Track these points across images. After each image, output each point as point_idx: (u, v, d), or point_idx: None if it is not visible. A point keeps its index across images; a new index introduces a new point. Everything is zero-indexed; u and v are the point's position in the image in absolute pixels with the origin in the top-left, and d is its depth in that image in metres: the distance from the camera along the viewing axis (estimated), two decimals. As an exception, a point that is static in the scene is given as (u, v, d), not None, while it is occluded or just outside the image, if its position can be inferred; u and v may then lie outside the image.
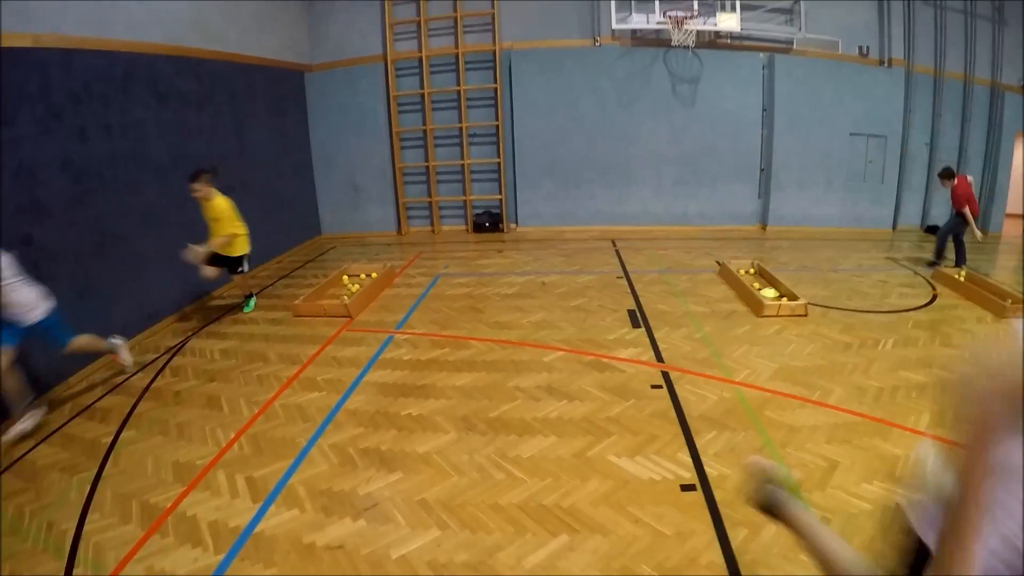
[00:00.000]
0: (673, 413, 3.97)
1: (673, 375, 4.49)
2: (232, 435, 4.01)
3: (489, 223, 9.83)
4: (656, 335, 5.19)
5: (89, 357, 5.10)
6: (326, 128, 9.56)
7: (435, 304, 6.30)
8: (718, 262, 7.22)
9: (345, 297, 6.26)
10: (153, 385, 4.92)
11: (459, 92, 9.28)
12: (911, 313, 5.73)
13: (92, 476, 3.58)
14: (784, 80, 8.77)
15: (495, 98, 9.27)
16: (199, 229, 6.62)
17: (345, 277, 7.24)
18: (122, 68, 5.75)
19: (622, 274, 7.04)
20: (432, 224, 10.12)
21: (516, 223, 9.91)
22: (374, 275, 7.11)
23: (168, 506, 3.25)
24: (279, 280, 7.65)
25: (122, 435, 4.10)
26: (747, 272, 6.83)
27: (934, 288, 6.48)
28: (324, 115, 9.53)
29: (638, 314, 5.68)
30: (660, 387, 4.31)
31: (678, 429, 3.77)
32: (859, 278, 6.82)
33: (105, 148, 5.51)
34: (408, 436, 3.84)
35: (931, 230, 9.09)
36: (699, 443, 3.60)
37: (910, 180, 9.23)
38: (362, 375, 4.73)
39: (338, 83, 9.50)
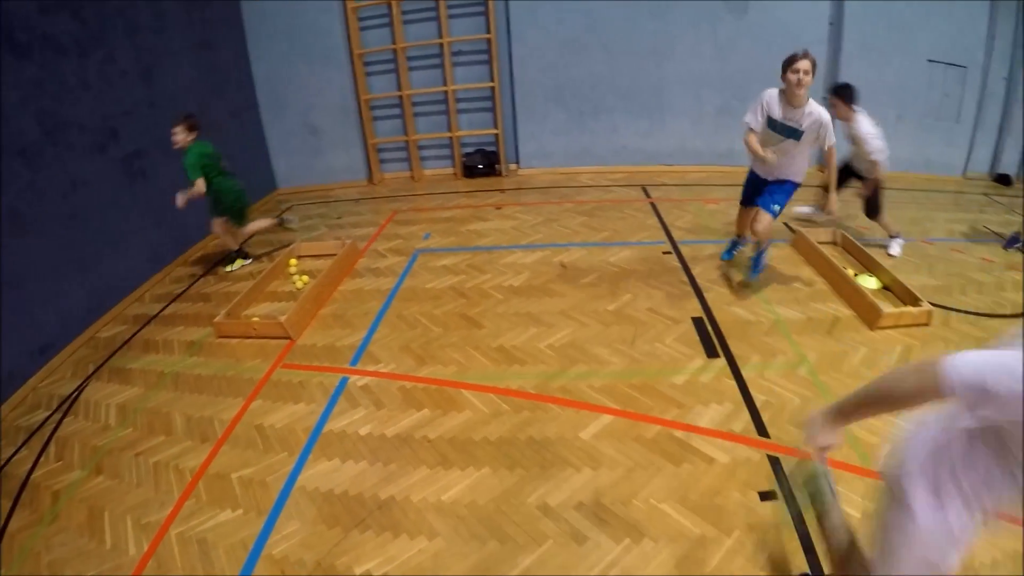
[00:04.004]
0: (802, 558, 2.31)
1: (788, 463, 2.79)
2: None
3: (483, 165, 7.85)
4: (745, 372, 3.45)
5: None
6: (271, 59, 7.36)
7: (411, 309, 4.51)
8: (789, 227, 5.40)
9: (279, 319, 4.49)
10: (32, 477, 3.35)
11: (437, -2, 7.11)
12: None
13: None
14: (857, -14, 6.63)
15: (484, 5, 7.10)
16: (93, 225, 4.87)
17: (292, 261, 5.40)
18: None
19: (669, 247, 5.21)
20: (411, 168, 8.12)
21: (517, 163, 7.95)
22: (332, 255, 5.29)
23: None
24: (214, 267, 5.81)
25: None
26: (829, 243, 5.07)
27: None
28: (267, 43, 7.31)
29: (710, 328, 3.92)
30: (773, 496, 2.63)
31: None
32: (961, 254, 5.03)
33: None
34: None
35: (1001, 179, 7.39)
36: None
37: (984, 119, 7.28)
38: (296, 472, 3.04)
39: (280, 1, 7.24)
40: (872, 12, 6.69)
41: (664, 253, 5.06)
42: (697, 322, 3.98)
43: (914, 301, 3.93)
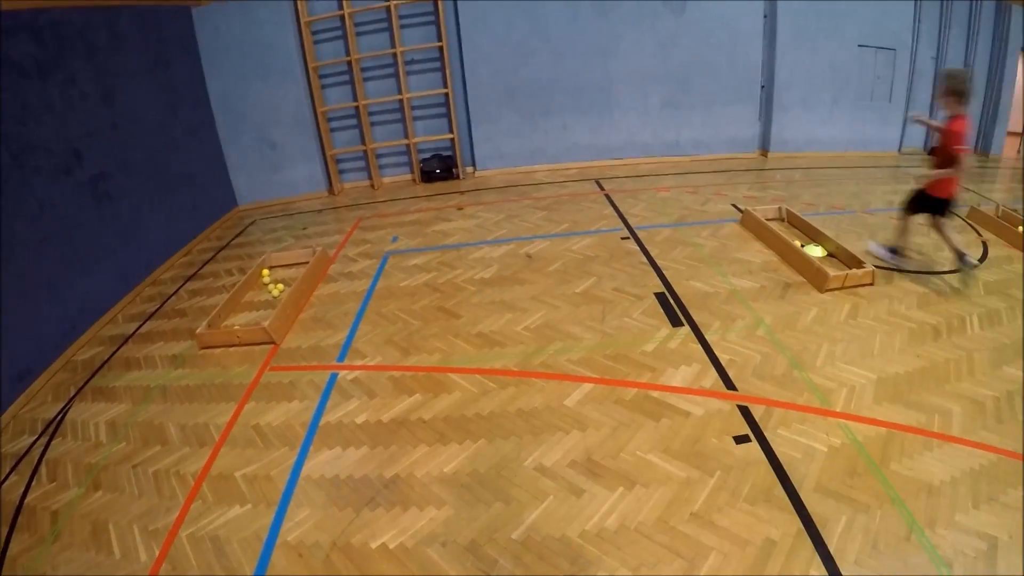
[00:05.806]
0: (780, 489, 2.59)
1: (756, 411, 3.08)
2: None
3: (440, 169, 8.04)
4: (708, 337, 3.75)
5: None
6: (225, 75, 7.40)
7: (389, 306, 4.68)
8: (737, 207, 5.76)
9: (262, 324, 4.60)
10: (26, 501, 3.29)
11: (388, 8, 7.25)
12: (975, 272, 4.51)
13: None
14: (788, -21, 7.15)
15: (435, 13, 7.30)
16: (62, 249, 4.87)
17: (265, 272, 5.48)
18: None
19: (627, 232, 5.51)
20: (370, 177, 8.25)
21: (474, 166, 8.17)
22: (303, 263, 5.42)
23: None
24: (184, 284, 5.85)
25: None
26: (775, 220, 5.45)
27: (979, 232, 5.24)
28: (222, 60, 7.35)
29: (672, 301, 4.21)
30: (747, 439, 2.91)
31: (794, 519, 2.43)
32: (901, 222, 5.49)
33: None
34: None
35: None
36: (831, 545, 2.31)
37: (916, 97, 7.96)
38: (300, 463, 3.17)
39: (233, 15, 7.21)
40: (803, 2, 7.16)
41: (622, 239, 5.35)
42: (660, 296, 4.26)
43: (858, 264, 4.30)
